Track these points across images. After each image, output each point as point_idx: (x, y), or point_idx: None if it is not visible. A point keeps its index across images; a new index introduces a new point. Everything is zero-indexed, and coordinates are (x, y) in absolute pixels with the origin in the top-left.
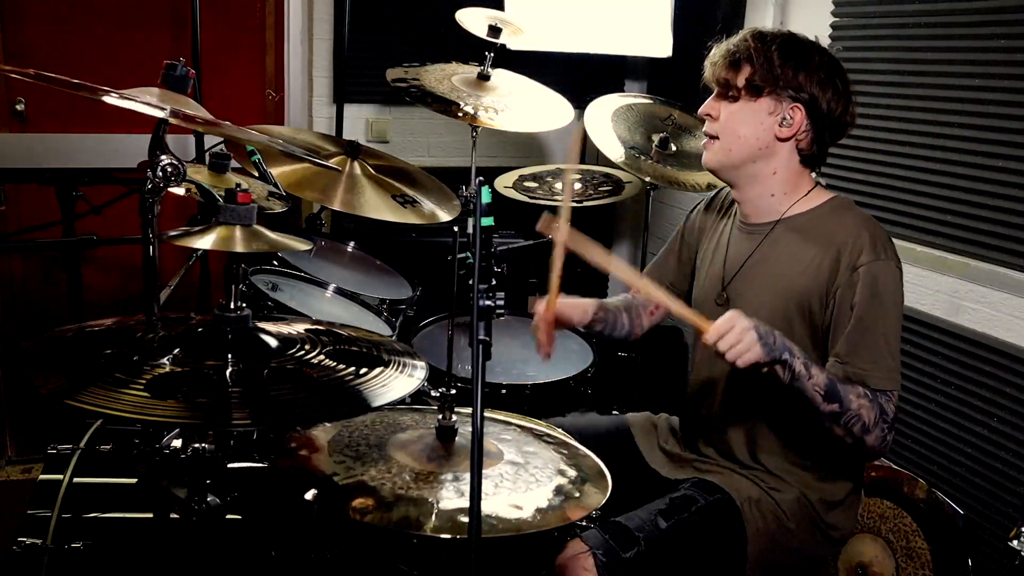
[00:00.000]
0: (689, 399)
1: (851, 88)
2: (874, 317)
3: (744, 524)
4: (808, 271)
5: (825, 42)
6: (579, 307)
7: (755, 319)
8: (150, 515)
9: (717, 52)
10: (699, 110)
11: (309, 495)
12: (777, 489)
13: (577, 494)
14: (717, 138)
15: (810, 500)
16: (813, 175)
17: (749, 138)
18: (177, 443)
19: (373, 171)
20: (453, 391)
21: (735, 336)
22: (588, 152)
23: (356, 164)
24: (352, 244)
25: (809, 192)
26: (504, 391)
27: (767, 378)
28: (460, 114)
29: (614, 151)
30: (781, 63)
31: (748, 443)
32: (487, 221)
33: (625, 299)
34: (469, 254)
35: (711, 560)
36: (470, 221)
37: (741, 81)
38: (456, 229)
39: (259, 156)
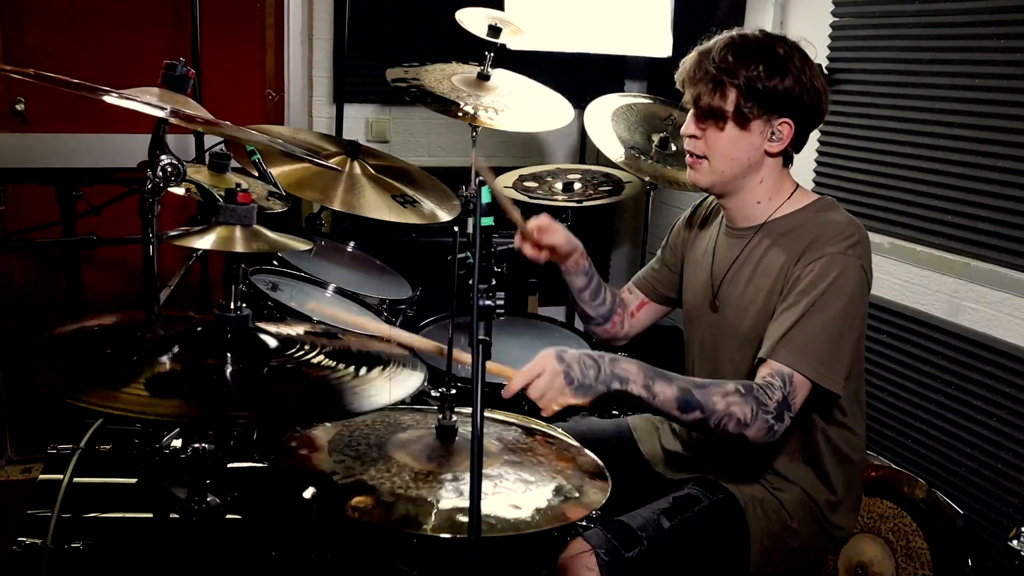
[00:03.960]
0: None
1: (822, 74)
2: (813, 300)
3: (747, 524)
4: (785, 269)
5: (825, 42)
6: (565, 234)
7: (567, 361)
8: (150, 515)
9: (694, 69)
10: (682, 130)
11: (308, 494)
12: (781, 489)
13: (577, 494)
14: (705, 158)
15: (814, 500)
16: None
17: (741, 159)
18: (177, 443)
19: (373, 171)
20: (453, 391)
21: (545, 383)
22: (588, 152)
23: (356, 164)
24: (352, 244)
25: (792, 194)
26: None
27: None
28: (460, 114)
29: (614, 151)
30: (768, 83)
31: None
32: (487, 221)
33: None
34: (469, 254)
35: (714, 559)
36: (470, 221)
37: (729, 107)
38: (456, 229)
39: (259, 156)
